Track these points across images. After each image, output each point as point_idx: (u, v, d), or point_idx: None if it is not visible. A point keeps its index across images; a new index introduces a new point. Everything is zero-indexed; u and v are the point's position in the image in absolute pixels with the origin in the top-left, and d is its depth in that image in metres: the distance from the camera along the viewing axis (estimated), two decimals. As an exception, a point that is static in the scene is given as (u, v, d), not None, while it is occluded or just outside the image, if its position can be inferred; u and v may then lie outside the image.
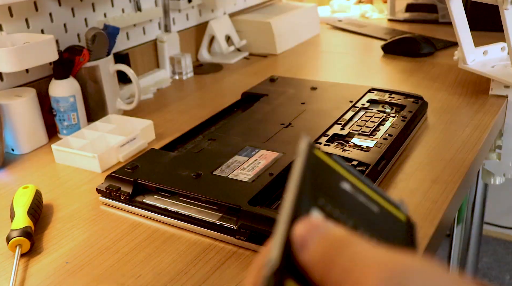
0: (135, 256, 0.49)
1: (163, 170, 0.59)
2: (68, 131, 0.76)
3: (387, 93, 0.78)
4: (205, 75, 1.06)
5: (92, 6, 0.91)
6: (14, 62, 0.68)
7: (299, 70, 1.05)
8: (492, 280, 1.52)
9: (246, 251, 0.48)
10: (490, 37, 0.90)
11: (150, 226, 0.54)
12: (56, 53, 0.73)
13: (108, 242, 0.51)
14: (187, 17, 1.13)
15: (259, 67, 1.08)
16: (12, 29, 0.78)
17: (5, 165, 0.70)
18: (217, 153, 0.62)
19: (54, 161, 0.70)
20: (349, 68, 1.05)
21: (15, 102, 0.71)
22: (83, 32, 0.89)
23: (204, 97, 0.93)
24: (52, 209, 0.58)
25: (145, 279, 0.45)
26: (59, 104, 0.75)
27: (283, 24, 1.19)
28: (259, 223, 0.47)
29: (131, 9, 1.00)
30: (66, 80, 0.75)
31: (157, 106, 0.90)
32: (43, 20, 0.82)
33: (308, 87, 0.84)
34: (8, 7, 0.76)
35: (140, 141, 0.72)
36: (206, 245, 0.49)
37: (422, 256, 0.45)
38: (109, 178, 0.58)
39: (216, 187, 0.54)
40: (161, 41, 1.04)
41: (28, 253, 0.50)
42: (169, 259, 0.48)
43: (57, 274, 0.47)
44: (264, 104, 0.78)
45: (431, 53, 1.05)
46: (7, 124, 0.72)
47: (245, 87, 0.88)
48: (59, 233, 0.54)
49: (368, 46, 1.19)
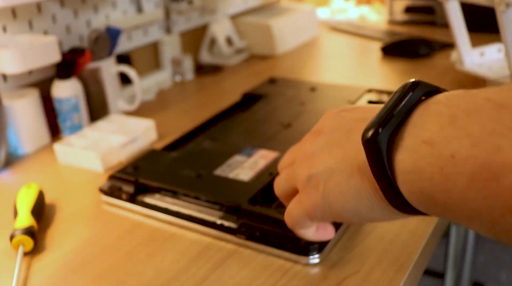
0: (137, 255, 0.49)
1: (164, 170, 0.59)
2: (70, 131, 0.77)
3: (386, 94, 0.79)
4: (206, 76, 1.07)
5: (94, 8, 0.92)
6: (17, 63, 0.69)
7: (299, 71, 1.05)
8: (489, 278, 1.52)
9: (246, 250, 0.49)
10: (487, 39, 0.91)
11: (151, 225, 0.54)
12: (59, 54, 0.74)
13: (109, 241, 0.52)
14: (188, 18, 1.14)
15: (259, 68, 1.09)
16: (16, 30, 0.78)
17: (9, 164, 0.71)
18: (217, 153, 0.63)
19: (56, 161, 0.71)
20: (347, 69, 1.06)
21: (19, 102, 0.72)
22: (85, 34, 0.90)
23: (205, 98, 0.94)
24: (55, 208, 0.59)
25: (146, 277, 0.46)
26: (62, 104, 0.76)
27: (283, 26, 1.20)
28: (259, 222, 0.48)
29: (133, 11, 1.00)
30: (68, 81, 0.76)
31: (158, 107, 0.91)
32: (46, 22, 0.83)
33: (307, 88, 0.85)
34: (11, 8, 0.77)
35: (142, 141, 0.73)
36: (206, 244, 0.50)
37: (420, 255, 0.46)
38: (111, 178, 0.59)
39: (216, 186, 0.55)
40: (162, 43, 1.05)
41: (31, 252, 0.51)
42: (170, 258, 0.48)
43: (60, 272, 0.48)
44: (264, 105, 0.79)
45: (428, 54, 1.06)
46: (10, 124, 0.72)
47: (245, 88, 0.89)
48: (62, 232, 0.54)
49: (367, 47, 1.19)
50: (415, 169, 0.26)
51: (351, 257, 0.46)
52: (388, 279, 0.43)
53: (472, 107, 0.24)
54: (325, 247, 0.46)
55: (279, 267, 0.46)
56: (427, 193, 0.26)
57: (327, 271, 0.45)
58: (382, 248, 0.47)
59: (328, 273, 0.44)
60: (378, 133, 0.28)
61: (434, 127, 0.26)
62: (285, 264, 0.46)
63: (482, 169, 0.23)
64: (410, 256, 0.46)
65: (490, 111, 0.23)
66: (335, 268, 0.45)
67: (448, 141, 0.25)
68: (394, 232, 0.49)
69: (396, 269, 0.44)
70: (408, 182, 0.27)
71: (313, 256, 0.46)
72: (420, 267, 0.48)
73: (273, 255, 0.47)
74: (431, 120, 0.26)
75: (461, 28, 0.80)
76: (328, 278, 0.44)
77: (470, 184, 0.23)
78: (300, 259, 0.46)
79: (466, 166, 0.23)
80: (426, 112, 0.27)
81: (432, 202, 0.26)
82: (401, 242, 0.48)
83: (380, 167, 0.28)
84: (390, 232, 0.49)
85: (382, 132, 0.28)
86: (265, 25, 1.18)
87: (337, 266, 0.45)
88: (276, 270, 0.45)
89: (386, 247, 0.47)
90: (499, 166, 0.22)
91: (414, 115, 0.28)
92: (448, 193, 0.25)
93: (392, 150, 0.28)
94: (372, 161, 0.28)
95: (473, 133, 0.23)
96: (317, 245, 0.45)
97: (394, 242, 0.48)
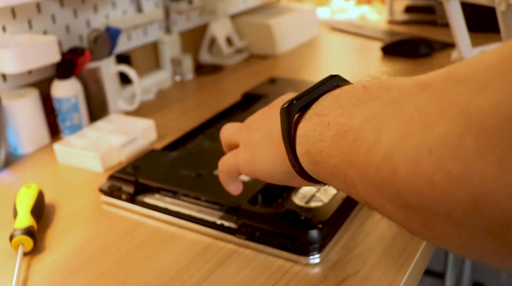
0: (136, 255, 0.49)
1: (164, 170, 0.59)
2: (70, 131, 0.77)
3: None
4: (206, 76, 1.07)
5: (94, 8, 0.91)
6: (17, 63, 0.69)
7: (299, 71, 1.05)
8: (489, 279, 1.52)
9: (246, 250, 0.49)
10: (487, 39, 0.91)
11: (151, 225, 0.54)
12: (58, 54, 0.74)
13: (109, 241, 0.52)
14: (188, 18, 1.14)
15: (259, 68, 1.09)
16: (15, 30, 0.78)
17: (8, 164, 0.71)
18: (217, 153, 0.63)
19: (56, 161, 0.71)
20: (348, 69, 1.06)
21: (18, 102, 0.72)
22: (85, 33, 0.90)
23: (205, 98, 0.94)
24: (55, 209, 0.59)
25: (146, 278, 0.46)
26: (61, 104, 0.76)
27: (283, 26, 1.20)
28: (259, 222, 0.48)
29: (133, 11, 1.00)
30: (68, 81, 0.76)
31: (158, 107, 0.91)
32: (46, 22, 0.83)
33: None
34: (11, 8, 0.77)
35: (142, 141, 0.73)
36: (206, 244, 0.50)
37: (420, 256, 0.46)
38: (111, 178, 0.59)
39: (216, 186, 0.54)
40: (162, 42, 1.05)
41: (31, 252, 0.51)
42: (170, 258, 0.48)
43: (59, 272, 0.48)
44: (264, 105, 0.78)
45: (429, 54, 1.06)
46: (10, 124, 0.72)
47: (245, 88, 0.89)
48: (61, 232, 0.54)
49: (367, 47, 1.19)
50: (305, 133, 0.34)
51: (351, 257, 0.46)
52: (388, 279, 0.43)
53: (351, 89, 0.32)
54: (325, 247, 0.46)
55: (279, 267, 0.46)
56: (310, 152, 0.33)
57: (327, 271, 0.45)
58: (382, 248, 0.47)
59: (328, 273, 0.44)
60: (292, 104, 0.35)
61: (326, 103, 0.33)
62: (285, 264, 0.46)
63: (339, 131, 0.30)
64: (410, 256, 0.46)
65: (358, 92, 0.31)
66: (335, 268, 0.45)
67: (329, 112, 0.32)
68: (395, 232, 0.49)
69: (396, 269, 0.44)
70: (300, 144, 0.34)
71: (313, 256, 0.45)
72: (421, 267, 0.48)
73: (273, 255, 0.47)
74: (327, 99, 0.34)
75: (462, 27, 0.80)
76: (328, 278, 0.44)
77: (332, 142, 0.30)
78: (300, 259, 0.46)
79: (333, 129, 0.30)
80: (330, 95, 0.34)
81: (312, 160, 0.33)
82: (402, 242, 0.47)
83: (287, 133, 0.35)
84: (391, 232, 0.49)
85: (295, 103, 0.35)
86: (265, 25, 1.17)
87: (337, 266, 0.45)
88: (276, 270, 0.45)
89: (386, 247, 0.47)
90: (348, 127, 0.29)
91: (322, 97, 0.35)
92: (320, 150, 0.32)
93: (299, 120, 0.35)
94: (282, 127, 0.36)
95: (343, 106, 0.31)
96: (317, 245, 0.45)
97: (394, 242, 0.48)
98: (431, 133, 0.23)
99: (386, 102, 0.27)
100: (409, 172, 0.24)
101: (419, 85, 0.26)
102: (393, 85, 0.28)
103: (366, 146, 0.27)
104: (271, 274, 0.45)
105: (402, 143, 0.24)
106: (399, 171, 0.24)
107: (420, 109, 0.24)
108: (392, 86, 0.28)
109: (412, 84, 0.27)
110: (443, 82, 0.25)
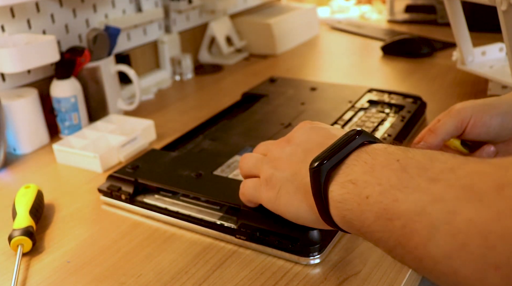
0: (136, 255, 0.49)
1: (163, 170, 0.59)
2: (69, 131, 0.77)
3: (386, 94, 0.79)
4: (206, 75, 1.07)
5: (93, 7, 0.91)
6: (16, 62, 0.68)
7: (299, 71, 1.05)
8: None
9: (246, 250, 0.48)
10: (488, 38, 0.91)
11: (150, 225, 0.54)
12: (57, 53, 0.73)
13: (109, 242, 0.52)
14: (187, 18, 1.14)
15: (259, 68, 1.09)
16: (14, 29, 0.78)
17: (7, 164, 0.71)
18: (217, 153, 0.63)
19: (55, 161, 0.71)
20: (348, 68, 1.05)
21: (17, 102, 0.72)
22: (84, 33, 0.90)
23: (205, 98, 0.94)
24: (54, 209, 0.59)
25: (145, 278, 0.46)
26: (61, 104, 0.76)
27: (283, 25, 1.20)
28: (259, 222, 0.48)
29: (132, 10, 1.00)
30: (67, 81, 0.75)
31: (157, 107, 0.90)
32: (45, 21, 0.83)
33: (307, 88, 0.84)
34: (10, 8, 0.77)
35: (141, 141, 0.73)
36: (206, 245, 0.50)
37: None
38: (110, 178, 0.59)
39: (216, 186, 0.54)
40: (161, 42, 1.05)
41: (30, 252, 0.51)
42: (170, 258, 0.48)
43: (59, 273, 0.48)
44: (264, 105, 0.79)
45: (429, 53, 1.06)
46: (9, 124, 0.72)
47: (245, 88, 0.88)
48: (61, 233, 0.54)
49: (367, 47, 1.19)
50: (341, 199, 0.35)
51: (351, 258, 0.46)
52: (389, 280, 0.43)
53: (385, 163, 0.33)
54: (325, 247, 0.46)
55: (279, 268, 0.45)
56: (348, 219, 0.35)
57: (328, 271, 0.44)
58: (383, 249, 0.47)
59: (329, 273, 0.44)
60: (322, 164, 0.36)
61: (359, 171, 0.34)
62: (286, 264, 0.46)
63: (384, 212, 0.31)
64: (412, 257, 0.45)
65: (396, 171, 0.32)
66: (335, 268, 0.45)
67: (365, 184, 0.33)
68: (395, 232, 0.49)
69: (397, 270, 0.44)
70: (335, 208, 0.36)
71: (313, 256, 0.45)
72: (422, 268, 0.48)
73: (273, 256, 0.47)
74: (358, 165, 0.35)
75: (463, 27, 0.80)
76: (329, 279, 0.43)
77: (375, 220, 0.32)
78: (300, 259, 0.45)
79: (374, 207, 0.32)
80: (358, 157, 0.36)
81: (351, 226, 0.35)
82: (402, 243, 0.47)
83: (318, 192, 0.36)
84: (391, 232, 0.49)
85: (325, 164, 0.36)
86: (265, 24, 1.17)
87: (337, 267, 0.45)
88: (276, 271, 0.45)
89: (387, 248, 0.47)
90: (394, 212, 0.30)
91: (350, 157, 0.36)
92: (361, 222, 0.33)
93: (329, 180, 0.36)
94: (313, 186, 0.37)
95: (382, 183, 0.32)
96: (317, 245, 0.45)
97: (395, 243, 0.47)
98: (494, 250, 0.24)
99: (432, 199, 0.28)
100: (473, 277, 0.25)
101: (468, 190, 0.27)
102: (435, 176, 0.29)
103: (419, 238, 0.28)
104: (271, 274, 0.45)
105: (463, 249, 0.26)
106: (460, 274, 0.26)
107: (477, 225, 0.25)
108: (434, 179, 0.29)
109: (459, 185, 0.27)
110: (495, 194, 0.26)
